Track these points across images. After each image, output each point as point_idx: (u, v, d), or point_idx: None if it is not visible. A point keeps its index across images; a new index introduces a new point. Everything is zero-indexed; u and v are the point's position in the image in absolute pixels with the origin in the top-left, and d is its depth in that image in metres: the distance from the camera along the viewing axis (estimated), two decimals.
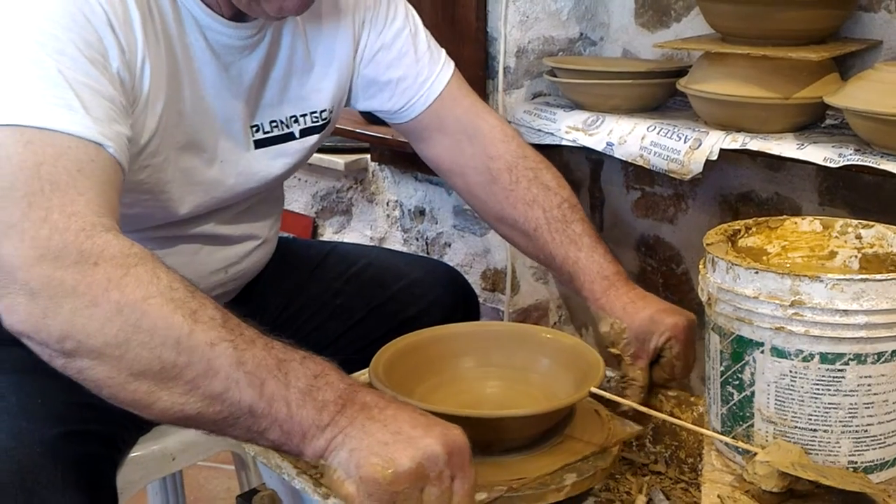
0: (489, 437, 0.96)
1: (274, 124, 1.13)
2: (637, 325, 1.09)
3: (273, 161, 1.14)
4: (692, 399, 1.07)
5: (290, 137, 1.15)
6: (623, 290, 1.13)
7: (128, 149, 0.91)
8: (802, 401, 0.85)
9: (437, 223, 2.03)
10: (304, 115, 1.15)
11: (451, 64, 1.25)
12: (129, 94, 0.94)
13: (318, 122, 1.17)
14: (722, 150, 1.46)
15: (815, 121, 1.49)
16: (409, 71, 1.21)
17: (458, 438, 0.81)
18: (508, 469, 0.93)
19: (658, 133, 1.54)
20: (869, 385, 0.83)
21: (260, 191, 1.17)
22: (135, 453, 1.11)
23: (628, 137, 1.57)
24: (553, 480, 0.92)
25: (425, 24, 1.27)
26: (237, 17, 1.03)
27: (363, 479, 0.77)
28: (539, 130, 1.72)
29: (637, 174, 1.89)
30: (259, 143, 1.12)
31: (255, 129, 1.11)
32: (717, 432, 0.92)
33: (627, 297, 1.12)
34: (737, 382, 0.88)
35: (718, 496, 0.87)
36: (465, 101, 1.24)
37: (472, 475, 0.81)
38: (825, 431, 0.85)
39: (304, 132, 1.16)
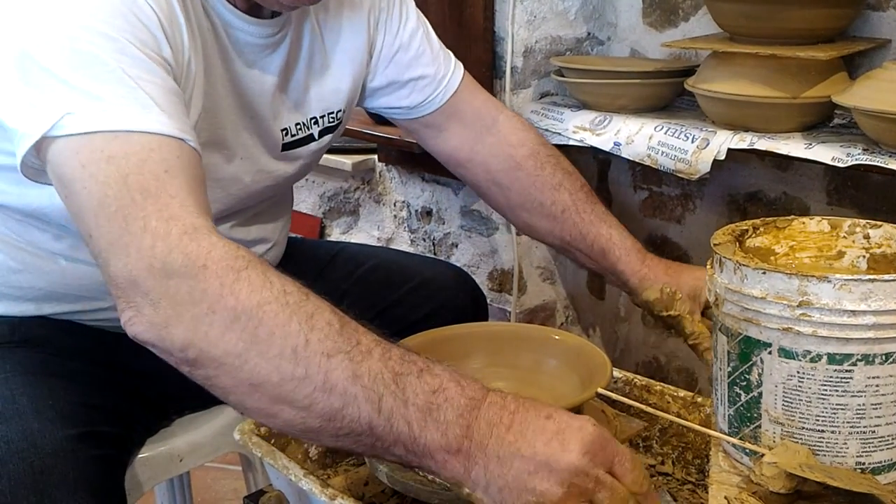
0: None
1: (299, 127, 1.14)
2: (685, 285, 1.14)
3: (291, 163, 1.15)
4: (699, 400, 1.07)
5: (310, 139, 1.16)
6: (656, 259, 1.18)
7: (196, 139, 0.88)
8: (810, 402, 0.84)
9: (444, 223, 2.03)
10: (322, 117, 1.16)
11: (460, 69, 1.27)
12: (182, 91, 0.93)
13: (333, 122, 1.18)
14: (730, 150, 1.45)
15: (823, 120, 1.48)
16: (428, 70, 1.23)
17: (593, 432, 0.77)
18: None
19: (666, 133, 1.54)
20: (877, 386, 0.83)
21: (275, 191, 1.17)
22: (143, 455, 1.11)
23: (636, 137, 1.57)
24: None
25: (432, 24, 1.28)
26: (252, 11, 1.03)
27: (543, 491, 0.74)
28: (546, 130, 1.71)
29: (645, 174, 1.88)
30: (287, 146, 1.13)
31: (284, 132, 1.12)
32: (725, 433, 0.92)
33: (662, 263, 1.18)
34: (744, 383, 0.88)
35: (725, 497, 0.86)
36: (481, 94, 1.27)
37: (625, 453, 0.78)
38: (833, 432, 0.85)
39: (322, 133, 1.17)
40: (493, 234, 1.96)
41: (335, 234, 2.31)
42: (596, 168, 1.98)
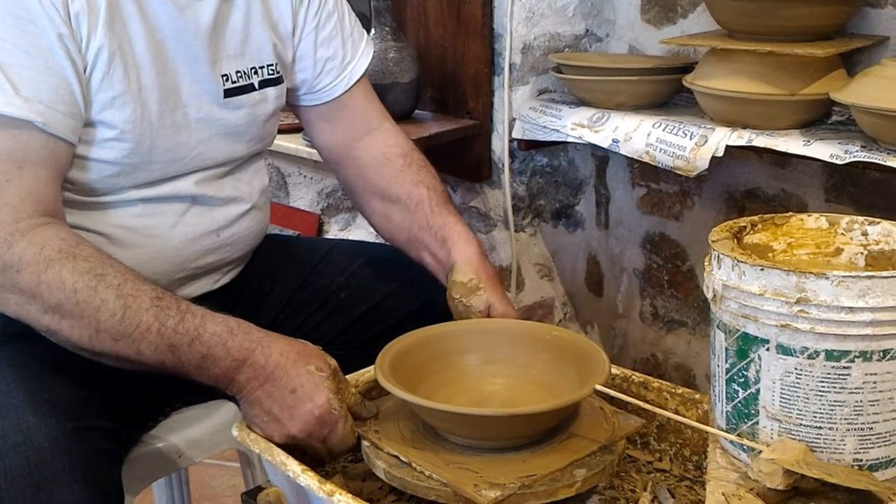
0: (494, 435, 0.96)
1: (239, 74, 1.18)
2: (492, 296, 1.19)
3: (235, 111, 1.18)
4: (697, 397, 1.07)
5: (251, 88, 1.20)
6: (489, 266, 1.23)
7: (77, 114, 1.03)
8: (808, 398, 0.84)
9: None
10: (262, 67, 1.21)
11: (369, 54, 1.34)
12: (75, 48, 1.02)
13: (273, 74, 1.23)
14: (728, 147, 1.45)
15: (821, 117, 1.48)
16: (338, 52, 1.29)
17: (320, 415, 0.98)
18: (515, 466, 0.94)
19: (664, 130, 1.54)
20: (874, 382, 0.83)
21: (231, 146, 1.19)
22: (141, 451, 1.11)
23: (634, 134, 1.57)
24: (564, 476, 0.92)
25: (431, 21, 1.29)
26: None
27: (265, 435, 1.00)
28: (544, 127, 1.71)
29: (643, 171, 1.88)
30: (228, 93, 1.17)
31: (224, 78, 1.16)
32: (722, 430, 0.92)
33: (492, 271, 1.23)
34: (742, 380, 0.88)
35: (723, 494, 0.86)
36: (375, 101, 1.36)
37: (339, 436, 1.00)
38: (830, 429, 0.85)
39: (263, 84, 1.21)
40: (491, 231, 1.96)
41: (333, 230, 2.30)
42: (594, 165, 1.98)
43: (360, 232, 2.25)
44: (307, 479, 0.91)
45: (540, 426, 0.97)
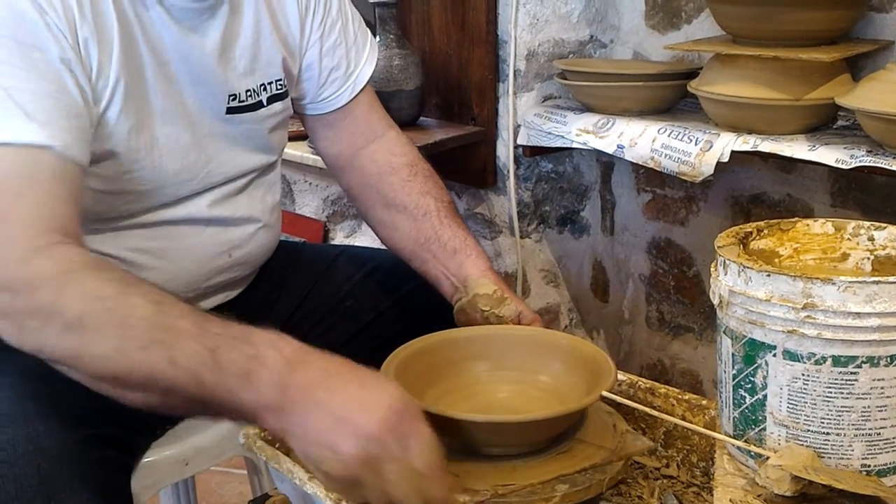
0: (487, 441, 0.96)
1: (248, 93, 1.17)
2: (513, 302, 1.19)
3: (236, 126, 1.17)
4: (704, 403, 1.07)
5: (259, 106, 1.18)
6: (500, 277, 1.22)
7: (87, 137, 0.97)
8: (815, 404, 0.84)
9: None
10: (270, 83, 1.20)
11: (374, 60, 1.32)
12: (83, 75, 0.98)
13: (281, 90, 1.21)
14: (733, 152, 1.45)
15: (826, 122, 1.48)
16: (342, 61, 1.28)
17: (399, 406, 0.82)
18: (503, 474, 0.93)
19: (669, 135, 1.54)
20: (882, 388, 0.83)
21: (234, 155, 1.18)
22: (148, 459, 1.11)
23: (639, 140, 1.57)
24: (544, 489, 0.91)
25: (436, 27, 1.29)
26: None
27: (317, 468, 0.82)
28: (549, 133, 1.71)
29: (648, 176, 1.88)
30: (232, 111, 1.15)
31: (232, 97, 1.15)
32: (730, 436, 0.92)
33: (505, 282, 1.22)
34: (749, 386, 0.88)
35: (731, 500, 0.86)
36: (380, 110, 1.34)
37: (424, 433, 0.83)
38: (838, 435, 0.85)
39: (271, 99, 1.20)
40: (496, 237, 1.96)
41: (339, 237, 2.31)
42: (599, 171, 1.98)
43: (366, 238, 2.25)
44: (314, 486, 0.91)
45: (541, 434, 0.97)
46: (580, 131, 1.66)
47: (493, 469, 0.94)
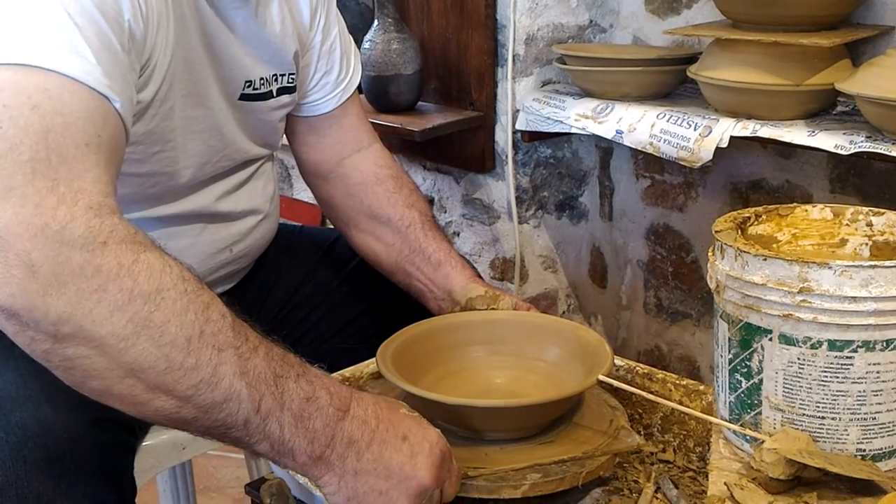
0: (489, 427, 0.96)
1: (262, 81, 1.16)
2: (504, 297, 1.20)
3: (247, 114, 1.16)
4: (701, 388, 1.07)
5: (269, 95, 1.18)
6: (483, 281, 1.23)
7: (132, 107, 0.88)
8: (810, 388, 0.84)
9: (445, 212, 2.03)
10: (283, 75, 1.19)
11: (360, 71, 1.33)
12: (141, 46, 0.91)
13: (291, 83, 1.21)
14: (732, 138, 1.45)
15: (826, 108, 1.48)
16: (335, 66, 1.27)
17: (440, 455, 0.85)
18: (480, 457, 0.93)
19: (668, 121, 1.54)
20: (878, 372, 0.83)
21: (245, 142, 1.17)
22: (145, 443, 1.11)
23: (638, 125, 1.57)
24: (514, 476, 0.91)
25: (434, 11, 1.29)
26: None
27: None
28: (548, 118, 1.71)
29: (647, 162, 1.88)
30: (245, 97, 1.14)
31: (248, 84, 1.14)
32: (725, 420, 0.92)
33: (487, 285, 1.22)
34: (745, 370, 0.88)
35: (725, 483, 0.86)
36: (366, 122, 1.34)
37: (455, 472, 0.88)
38: (833, 419, 0.85)
39: (280, 91, 1.19)
40: (494, 223, 1.95)
41: None
42: (598, 156, 1.97)
43: None
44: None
45: (529, 420, 0.97)
46: (579, 116, 1.65)
47: (472, 452, 0.94)
